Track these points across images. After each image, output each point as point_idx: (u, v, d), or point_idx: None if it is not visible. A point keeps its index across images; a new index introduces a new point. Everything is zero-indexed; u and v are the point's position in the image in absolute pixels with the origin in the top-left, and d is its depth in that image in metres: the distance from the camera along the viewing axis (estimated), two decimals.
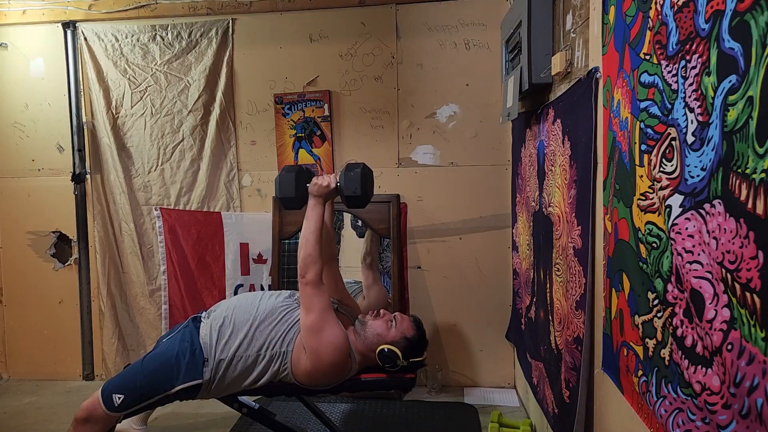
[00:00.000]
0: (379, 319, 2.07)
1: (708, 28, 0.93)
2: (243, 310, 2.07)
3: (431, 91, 3.10)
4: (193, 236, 3.22)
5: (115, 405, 1.93)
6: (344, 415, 2.82)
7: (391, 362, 2.00)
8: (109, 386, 1.97)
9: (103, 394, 1.95)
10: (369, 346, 2.02)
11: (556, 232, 1.99)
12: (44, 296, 3.44)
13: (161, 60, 3.24)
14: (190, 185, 3.30)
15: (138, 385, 1.96)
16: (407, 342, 2.03)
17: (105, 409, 1.92)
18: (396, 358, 1.99)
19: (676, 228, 1.06)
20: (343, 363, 1.97)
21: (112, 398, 1.93)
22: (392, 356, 1.99)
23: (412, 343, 2.04)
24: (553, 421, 2.04)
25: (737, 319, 0.86)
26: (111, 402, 1.93)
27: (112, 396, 1.94)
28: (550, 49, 2.02)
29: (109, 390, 1.96)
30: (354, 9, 3.09)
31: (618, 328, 1.42)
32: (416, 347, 2.05)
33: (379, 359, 2.00)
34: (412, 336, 2.05)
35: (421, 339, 2.08)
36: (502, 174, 3.07)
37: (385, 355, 1.99)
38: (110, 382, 2.00)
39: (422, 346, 2.09)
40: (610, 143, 1.46)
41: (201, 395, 2.01)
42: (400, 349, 2.00)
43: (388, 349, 1.99)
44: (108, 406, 1.93)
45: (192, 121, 3.25)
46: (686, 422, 1.05)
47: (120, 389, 1.95)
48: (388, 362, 2.00)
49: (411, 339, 2.04)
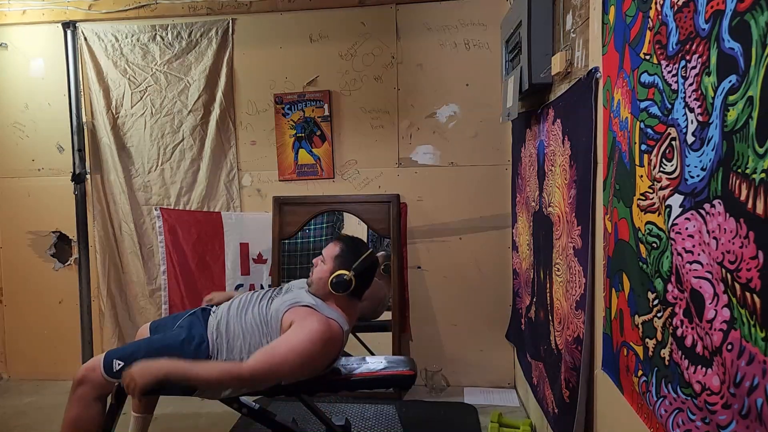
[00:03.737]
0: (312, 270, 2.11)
1: (708, 28, 0.93)
2: (240, 311, 2.09)
3: (431, 91, 3.10)
4: (193, 236, 3.23)
5: (114, 370, 1.93)
6: (344, 415, 2.81)
7: (342, 283, 2.02)
8: (113, 353, 1.99)
9: (105, 358, 1.96)
10: (327, 294, 2.05)
11: (556, 232, 1.99)
12: (44, 296, 3.44)
13: (161, 60, 3.24)
14: (190, 185, 3.30)
15: (141, 357, 1.95)
16: (338, 259, 2.06)
17: (103, 372, 1.93)
18: (341, 278, 2.02)
19: (676, 228, 1.06)
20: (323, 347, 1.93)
21: (112, 363, 1.94)
22: (337, 280, 2.02)
23: (344, 255, 2.07)
24: (553, 421, 2.04)
25: (737, 319, 0.86)
26: (110, 367, 1.93)
27: (113, 361, 1.94)
28: (550, 49, 2.02)
29: (111, 355, 1.97)
30: (354, 9, 3.09)
31: (618, 328, 1.42)
32: (349, 255, 2.07)
33: (335, 291, 2.03)
34: (338, 252, 2.08)
35: (348, 247, 2.11)
36: (502, 174, 3.07)
37: (334, 284, 2.03)
38: (115, 349, 2.02)
39: (356, 249, 2.10)
40: (610, 143, 1.46)
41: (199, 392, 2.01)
42: (337, 267, 2.04)
43: (332, 279, 2.03)
44: (107, 370, 1.93)
45: (192, 121, 3.25)
46: (686, 422, 1.05)
47: (122, 357, 1.96)
48: (341, 287, 2.02)
49: (339, 254, 2.07)
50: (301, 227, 3.17)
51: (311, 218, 3.17)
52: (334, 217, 3.30)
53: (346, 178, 3.20)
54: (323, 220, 3.29)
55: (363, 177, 3.19)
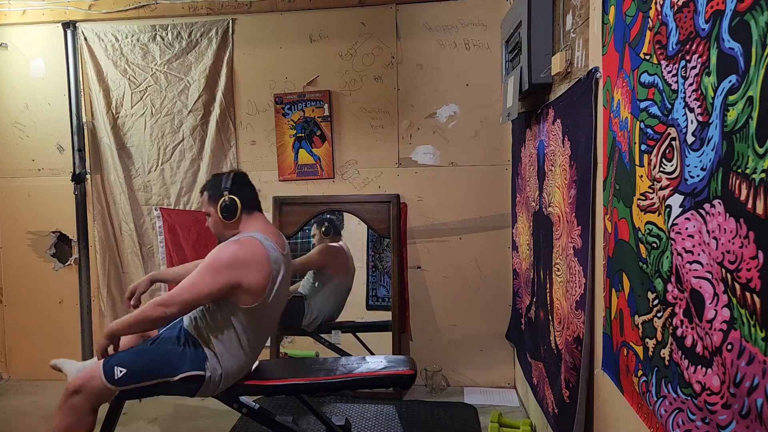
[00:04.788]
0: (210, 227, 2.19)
1: (708, 28, 0.93)
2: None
3: (431, 91, 3.10)
4: (193, 236, 3.23)
5: (116, 377, 1.90)
6: (344, 415, 2.81)
7: (228, 207, 2.06)
8: (113, 359, 1.95)
9: (105, 364, 1.93)
10: (229, 228, 2.10)
11: (556, 232, 1.99)
12: (44, 296, 3.44)
13: (161, 60, 3.24)
14: (190, 185, 3.30)
15: (143, 363, 1.95)
16: (211, 199, 2.10)
17: (104, 380, 1.90)
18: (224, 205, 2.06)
19: (676, 228, 1.06)
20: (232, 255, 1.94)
21: (113, 370, 1.91)
22: (223, 208, 2.06)
23: (212, 192, 2.11)
24: (553, 421, 2.04)
25: (737, 319, 0.86)
26: (112, 374, 1.91)
27: (114, 368, 1.91)
28: (550, 49, 2.02)
29: (112, 362, 1.94)
30: (354, 9, 3.09)
31: (618, 328, 1.42)
32: (214, 187, 2.10)
33: (230, 217, 2.06)
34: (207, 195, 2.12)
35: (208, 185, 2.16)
36: (502, 174, 3.07)
37: (225, 214, 2.06)
38: (114, 356, 1.97)
39: (215, 180, 2.14)
40: (610, 143, 1.46)
41: (202, 392, 2.01)
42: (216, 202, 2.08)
43: (221, 213, 2.06)
44: (108, 377, 1.90)
45: (192, 121, 3.25)
46: (686, 422, 1.05)
47: (124, 363, 1.93)
48: (230, 210, 2.06)
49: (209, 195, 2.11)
50: (301, 227, 3.17)
51: (311, 218, 3.17)
52: (334, 217, 3.30)
53: (346, 178, 3.20)
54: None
55: (363, 177, 3.19)
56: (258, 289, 1.95)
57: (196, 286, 1.89)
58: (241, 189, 2.11)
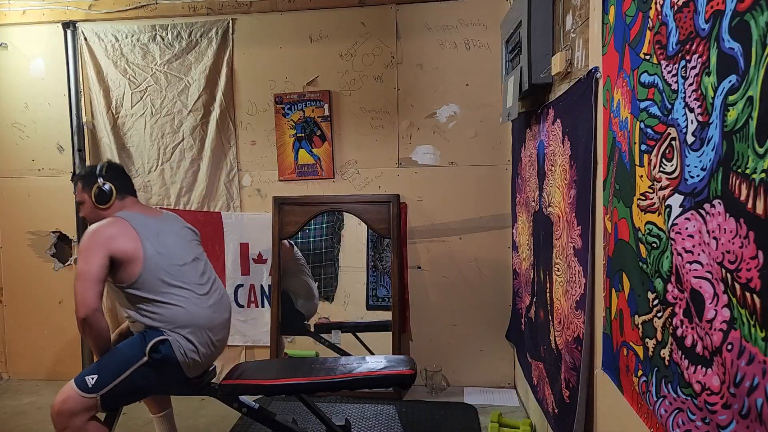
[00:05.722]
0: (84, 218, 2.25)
1: (708, 28, 0.93)
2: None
3: (431, 91, 3.10)
4: None
5: (89, 386, 1.94)
6: (344, 415, 2.81)
7: (103, 193, 2.13)
8: (83, 373, 2.01)
9: (76, 380, 1.98)
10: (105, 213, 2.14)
11: (556, 232, 1.99)
12: (44, 296, 3.44)
13: (161, 60, 3.24)
14: (190, 185, 3.30)
15: (110, 363, 1.99)
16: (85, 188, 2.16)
17: (79, 391, 1.93)
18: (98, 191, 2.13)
19: (676, 228, 1.06)
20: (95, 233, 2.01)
21: (84, 380, 1.95)
22: (97, 195, 2.13)
23: (85, 181, 2.17)
24: (553, 421, 2.04)
25: (737, 319, 0.86)
26: (84, 383, 1.95)
27: (84, 378, 1.96)
28: (550, 49, 2.02)
29: (81, 374, 1.99)
30: (354, 9, 3.10)
31: (618, 328, 1.42)
32: (87, 177, 2.17)
33: (106, 202, 2.13)
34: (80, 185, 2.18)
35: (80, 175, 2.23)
36: (502, 174, 3.07)
37: (99, 201, 2.13)
38: (83, 371, 2.03)
39: (88, 171, 2.21)
40: (610, 143, 1.46)
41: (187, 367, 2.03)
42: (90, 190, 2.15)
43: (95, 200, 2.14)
44: (81, 387, 1.94)
45: (192, 121, 3.25)
46: (686, 422, 1.05)
47: (92, 371, 1.99)
48: (105, 196, 2.13)
49: (82, 185, 2.17)
50: (301, 227, 3.17)
51: (311, 218, 3.17)
52: (334, 217, 3.30)
53: (346, 178, 3.20)
54: (323, 220, 3.29)
55: (363, 177, 3.19)
56: (135, 255, 2.01)
57: (80, 273, 1.96)
58: (115, 176, 2.20)
